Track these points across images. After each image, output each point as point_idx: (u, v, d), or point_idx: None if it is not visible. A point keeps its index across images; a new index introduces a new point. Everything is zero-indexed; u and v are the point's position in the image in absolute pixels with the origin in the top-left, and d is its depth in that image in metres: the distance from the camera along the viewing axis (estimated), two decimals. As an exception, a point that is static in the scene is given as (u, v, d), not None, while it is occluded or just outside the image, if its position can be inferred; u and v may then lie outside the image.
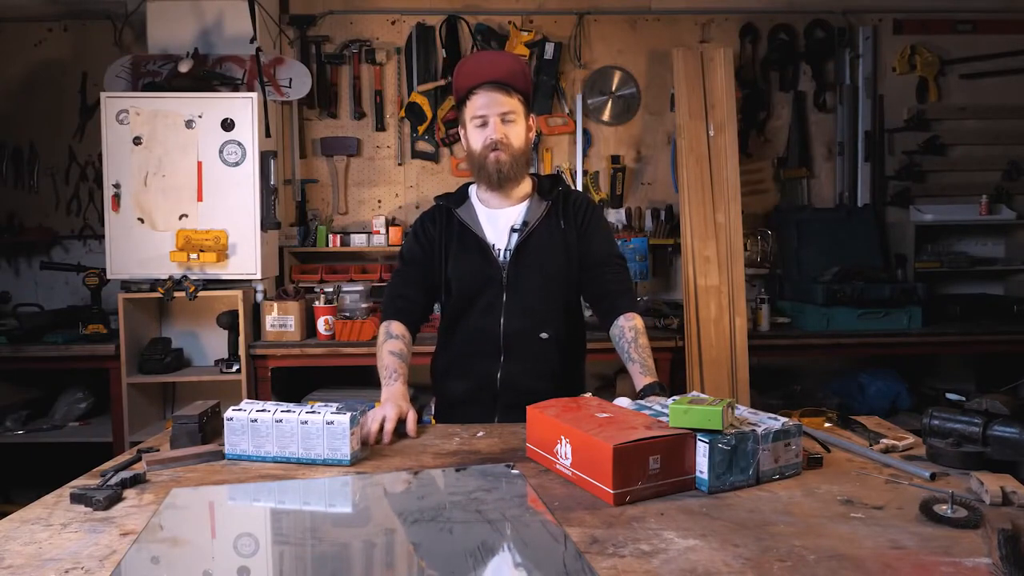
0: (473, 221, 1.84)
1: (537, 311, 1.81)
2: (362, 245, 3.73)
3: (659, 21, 3.89)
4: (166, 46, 3.41)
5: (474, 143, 1.79)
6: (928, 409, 1.42)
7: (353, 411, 1.43)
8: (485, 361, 1.82)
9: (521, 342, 1.80)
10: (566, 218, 1.85)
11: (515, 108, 1.78)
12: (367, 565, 1.04)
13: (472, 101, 1.78)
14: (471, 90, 1.78)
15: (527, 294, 1.80)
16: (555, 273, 1.82)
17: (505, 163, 1.77)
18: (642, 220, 3.86)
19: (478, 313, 1.82)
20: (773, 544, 1.03)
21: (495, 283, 1.80)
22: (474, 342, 1.83)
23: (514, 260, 1.80)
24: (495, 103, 1.75)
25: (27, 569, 0.98)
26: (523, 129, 1.80)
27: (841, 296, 3.38)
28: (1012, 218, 3.84)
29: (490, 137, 1.76)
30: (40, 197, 3.81)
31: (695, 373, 3.26)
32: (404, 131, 3.87)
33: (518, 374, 1.80)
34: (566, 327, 1.87)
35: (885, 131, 3.92)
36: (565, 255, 1.83)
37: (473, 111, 1.78)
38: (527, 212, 1.84)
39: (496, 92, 1.75)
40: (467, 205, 1.87)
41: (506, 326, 1.80)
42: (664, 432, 1.24)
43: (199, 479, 1.35)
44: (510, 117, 1.77)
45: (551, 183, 1.89)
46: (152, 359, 3.24)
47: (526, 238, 1.80)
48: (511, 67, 1.80)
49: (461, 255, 1.83)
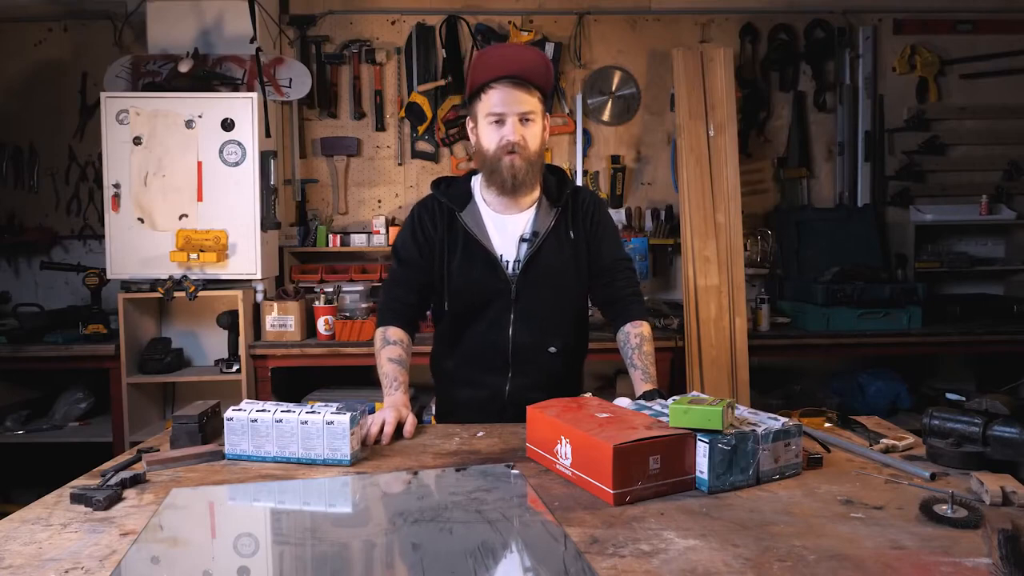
0: (480, 229, 1.74)
1: (546, 325, 1.76)
2: (362, 245, 3.73)
3: (659, 21, 3.89)
4: (166, 46, 3.41)
5: (487, 142, 1.69)
6: (928, 409, 1.42)
7: (353, 411, 1.43)
8: (493, 374, 1.78)
9: (529, 356, 1.76)
10: (575, 226, 1.77)
11: (535, 108, 1.68)
12: (367, 565, 1.04)
13: (488, 96, 1.67)
14: (488, 83, 1.67)
15: (536, 308, 1.74)
16: (565, 286, 1.77)
17: (521, 168, 1.67)
18: (642, 220, 3.86)
19: (485, 325, 1.76)
20: (773, 544, 1.03)
21: (503, 296, 1.73)
22: (482, 354, 1.78)
23: (523, 273, 1.73)
24: (514, 101, 1.65)
25: (27, 569, 0.98)
26: (541, 130, 1.71)
27: (841, 296, 3.38)
28: (1012, 218, 3.84)
29: (507, 138, 1.66)
30: (40, 197, 3.81)
31: (695, 373, 3.26)
32: (404, 131, 3.87)
33: (526, 388, 1.74)
34: (573, 337, 1.83)
35: (885, 131, 3.92)
36: (575, 266, 1.77)
37: (489, 107, 1.67)
38: (536, 220, 1.75)
39: (516, 89, 1.65)
40: (472, 208, 1.76)
41: (515, 340, 1.74)
42: (664, 432, 1.24)
43: (199, 479, 1.35)
44: (529, 117, 1.67)
45: (558, 185, 1.80)
46: (152, 359, 3.24)
47: (536, 251, 1.73)
48: (534, 61, 1.69)
49: (466, 264, 1.74)
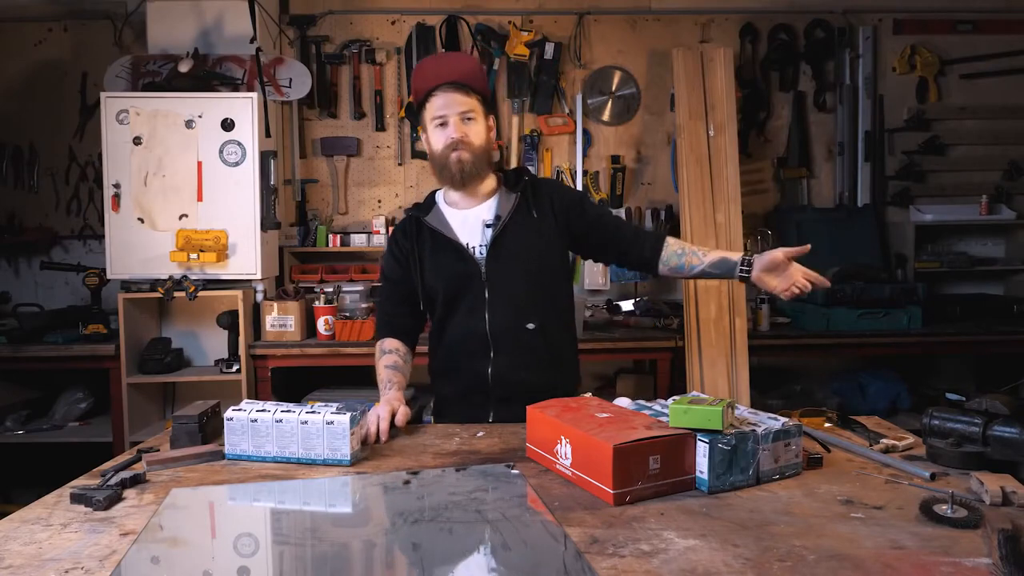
0: (443, 225, 1.83)
1: (520, 303, 1.81)
2: (362, 245, 3.73)
3: (659, 21, 3.89)
4: (166, 46, 3.41)
5: (435, 144, 1.80)
6: (928, 409, 1.42)
7: (353, 411, 1.44)
8: (475, 359, 1.82)
9: (508, 336, 1.80)
10: (538, 207, 1.84)
11: (474, 107, 1.79)
12: (367, 565, 1.04)
13: (431, 103, 1.79)
14: (430, 92, 1.79)
15: (508, 287, 1.80)
16: (534, 263, 1.83)
17: (467, 161, 1.77)
18: (642, 220, 3.86)
19: (463, 313, 1.82)
20: (773, 544, 1.03)
21: (475, 281, 1.80)
22: (462, 342, 1.83)
23: (491, 255, 1.80)
24: (454, 103, 1.77)
25: (27, 569, 0.98)
26: (483, 128, 1.82)
27: (841, 296, 3.37)
28: (1012, 218, 3.84)
29: (451, 136, 1.77)
30: (40, 197, 3.81)
31: (695, 373, 3.26)
32: (404, 131, 3.87)
33: (508, 368, 1.80)
34: (552, 315, 1.87)
35: (885, 131, 3.92)
36: (542, 244, 1.83)
37: (433, 112, 1.79)
38: (497, 207, 1.84)
39: (455, 92, 1.77)
40: (435, 211, 1.87)
41: (491, 322, 1.79)
42: (664, 432, 1.24)
43: (199, 479, 1.35)
44: (469, 116, 1.78)
45: (516, 176, 1.89)
46: (152, 359, 3.24)
47: (500, 232, 1.80)
48: (468, 68, 1.83)
49: (436, 260, 1.83)
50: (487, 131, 1.83)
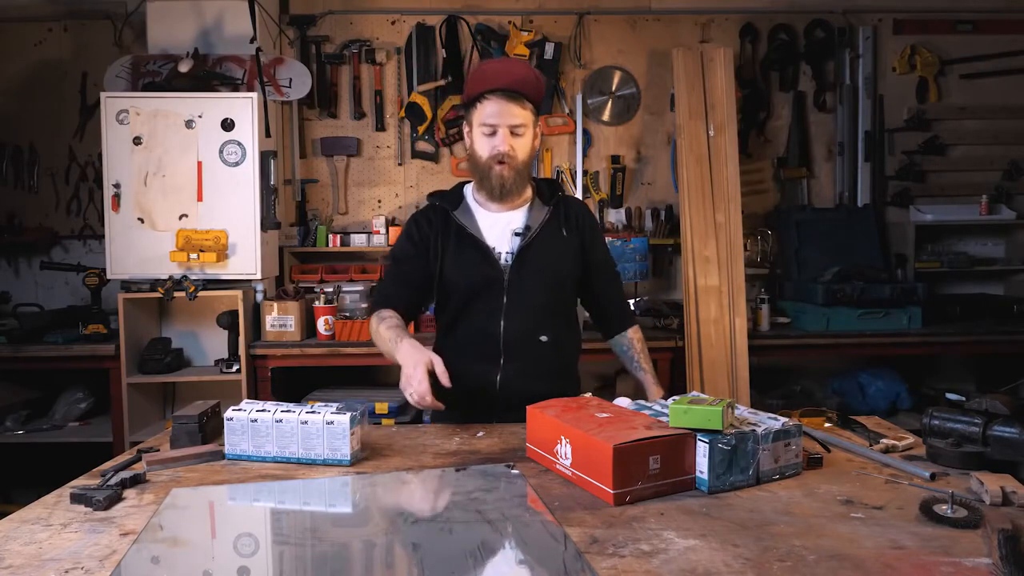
0: (472, 224, 1.83)
1: (538, 315, 1.82)
2: (362, 245, 3.73)
3: (659, 21, 3.89)
4: (166, 46, 3.41)
5: (480, 149, 1.79)
6: (928, 409, 1.42)
7: (353, 411, 1.44)
8: (484, 363, 1.81)
9: (521, 345, 1.81)
10: (568, 225, 1.87)
11: (525, 120, 1.78)
12: (367, 565, 1.04)
13: (483, 106, 1.77)
14: (483, 94, 1.77)
15: (528, 298, 1.80)
16: (557, 277, 1.84)
17: (509, 178, 1.78)
18: (642, 220, 3.86)
19: (478, 315, 1.82)
20: (773, 544, 1.03)
21: (496, 286, 1.80)
22: (474, 344, 1.83)
23: (517, 263, 1.80)
24: (506, 113, 1.76)
25: (27, 569, 0.98)
26: (530, 140, 1.81)
27: (841, 296, 3.37)
28: (1012, 218, 3.84)
29: (497, 148, 1.76)
30: (40, 197, 3.81)
31: (695, 373, 3.26)
32: (404, 131, 3.87)
33: (517, 377, 1.80)
34: (564, 329, 1.89)
35: (885, 131, 3.92)
36: (567, 260, 1.86)
37: (483, 118, 1.77)
38: (529, 216, 1.85)
39: (508, 102, 1.76)
40: (464, 206, 1.87)
41: (506, 328, 1.80)
42: (664, 432, 1.24)
43: (199, 479, 1.35)
44: (519, 131, 1.77)
45: (550, 188, 1.91)
46: (152, 359, 3.24)
47: (528, 243, 1.81)
48: (527, 76, 1.80)
49: (460, 256, 1.82)
50: (533, 140, 1.82)
